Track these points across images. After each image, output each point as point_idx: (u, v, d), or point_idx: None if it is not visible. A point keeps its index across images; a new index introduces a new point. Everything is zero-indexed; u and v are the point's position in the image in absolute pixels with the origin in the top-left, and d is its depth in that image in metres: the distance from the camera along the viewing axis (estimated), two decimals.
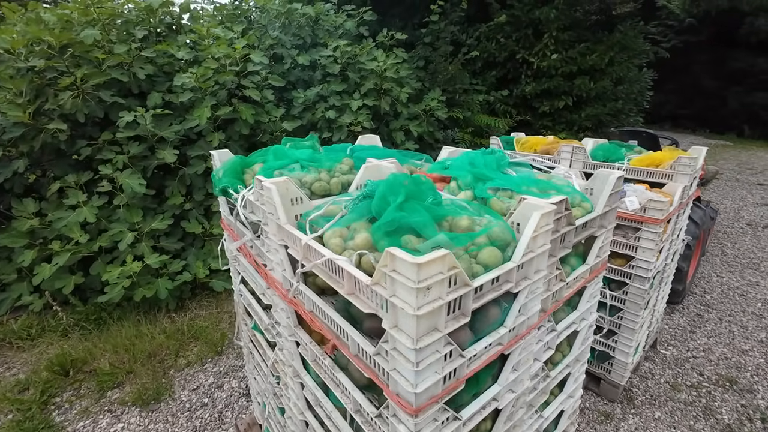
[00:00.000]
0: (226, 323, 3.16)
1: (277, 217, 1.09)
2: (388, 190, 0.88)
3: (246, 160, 1.55)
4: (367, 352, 0.82)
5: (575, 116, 7.60)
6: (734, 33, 12.08)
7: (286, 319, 1.22)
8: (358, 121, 4.31)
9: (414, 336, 0.67)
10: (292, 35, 4.71)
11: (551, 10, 6.97)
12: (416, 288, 0.63)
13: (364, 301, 0.80)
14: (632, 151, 2.59)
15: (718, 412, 2.28)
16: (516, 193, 1.14)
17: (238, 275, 1.76)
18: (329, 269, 0.88)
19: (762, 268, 3.99)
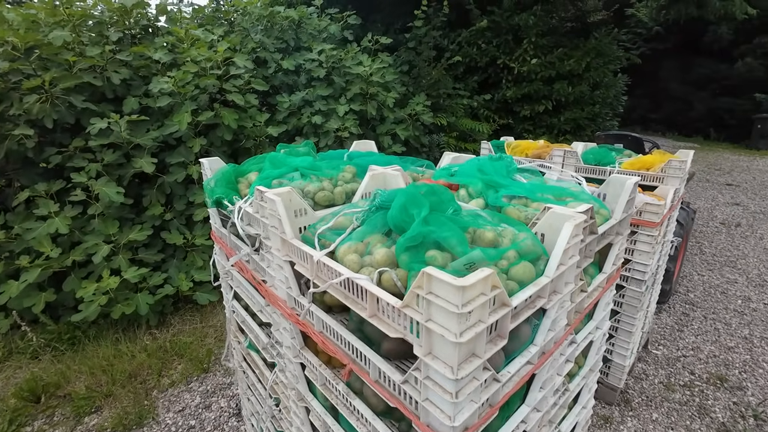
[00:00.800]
0: (212, 338, 3.01)
1: (282, 231, 1.01)
2: (408, 201, 0.82)
3: (240, 169, 1.46)
4: (392, 380, 0.75)
5: (555, 120, 7.76)
6: (699, 41, 12.69)
7: (290, 340, 1.13)
8: (345, 127, 4.23)
9: (454, 365, 0.60)
10: (275, 39, 4.60)
11: (530, 17, 7.11)
12: (459, 313, 0.57)
13: (389, 324, 0.73)
14: (622, 155, 2.62)
15: (712, 410, 2.31)
16: (531, 200, 1.10)
17: (230, 290, 1.65)
18: (347, 289, 0.81)
19: (738, 266, 4.14)
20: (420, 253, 0.77)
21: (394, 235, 0.92)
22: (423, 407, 0.68)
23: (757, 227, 5.22)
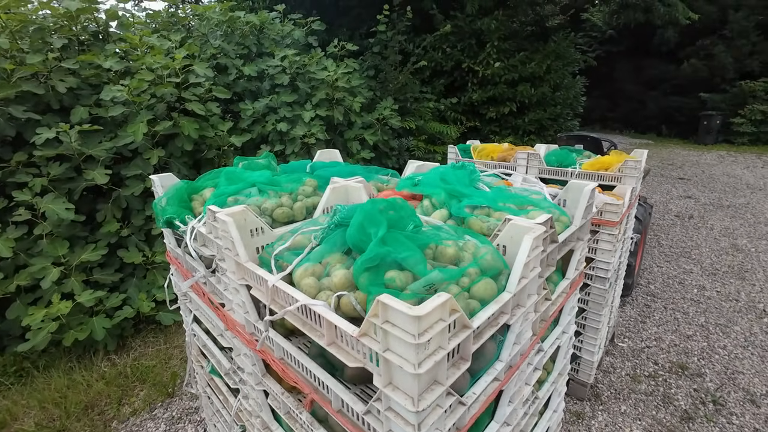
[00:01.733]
0: (177, 360, 2.85)
1: (236, 254, 0.95)
2: (365, 219, 0.78)
3: (193, 185, 1.38)
4: (354, 410, 0.71)
5: (519, 121, 7.98)
6: (648, 44, 13.45)
7: (251, 366, 1.07)
8: (311, 133, 4.16)
9: (415, 395, 0.57)
10: (235, 45, 4.47)
11: (492, 21, 7.28)
12: (416, 343, 0.54)
13: (348, 352, 0.69)
14: (582, 156, 2.70)
15: (675, 399, 2.41)
16: (493, 210, 1.09)
17: (189, 313, 1.56)
18: (304, 315, 0.77)
19: (693, 256, 4.38)
20: (379, 274, 0.74)
21: (355, 254, 0.88)
22: None
23: (707, 218, 5.56)
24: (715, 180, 7.70)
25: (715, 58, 12.10)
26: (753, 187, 7.11)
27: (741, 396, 2.40)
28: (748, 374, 2.59)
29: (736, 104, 11.56)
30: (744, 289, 3.65)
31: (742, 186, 7.19)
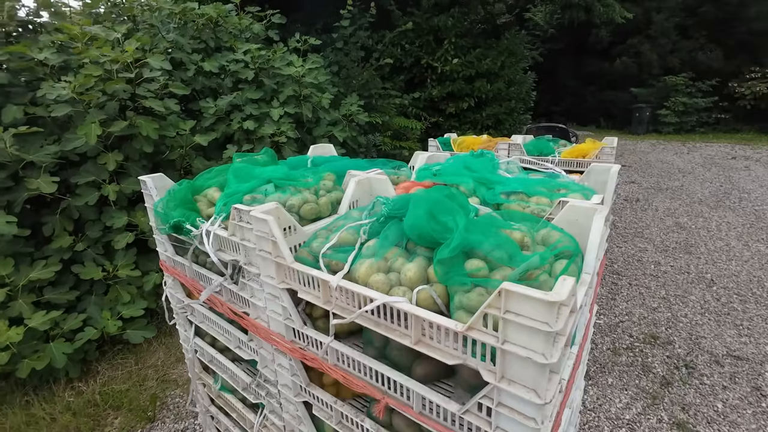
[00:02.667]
0: (154, 380, 2.61)
1: (278, 255, 0.86)
2: (436, 207, 0.74)
3: (194, 185, 1.25)
4: (447, 410, 0.66)
5: (478, 116, 8.24)
6: (585, 42, 14.45)
7: (289, 378, 0.98)
8: (281, 131, 3.99)
9: (541, 388, 0.54)
10: (191, 38, 4.16)
11: (448, 19, 7.44)
12: (549, 332, 0.50)
13: (443, 350, 0.64)
14: (558, 144, 2.82)
15: (653, 367, 2.60)
16: (527, 195, 1.09)
17: (190, 327, 1.41)
18: (380, 315, 0.71)
19: (645, 235, 4.76)
20: (458, 264, 0.70)
21: (412, 248, 0.83)
22: None
23: (651, 200, 6.08)
24: (652, 166, 8.46)
25: (643, 56, 13.27)
26: (683, 171, 7.89)
27: (707, 358, 2.65)
28: (709, 338, 2.86)
29: (661, 97, 12.77)
30: (692, 262, 4.03)
31: (675, 170, 7.96)
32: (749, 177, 7.15)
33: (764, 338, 2.82)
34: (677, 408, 2.26)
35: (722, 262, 4.01)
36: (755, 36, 12.14)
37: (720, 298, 3.37)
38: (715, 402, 2.29)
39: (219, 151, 4.02)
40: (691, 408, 2.25)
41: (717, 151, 9.67)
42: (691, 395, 2.35)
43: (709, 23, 12.53)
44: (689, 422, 2.16)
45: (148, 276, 3.08)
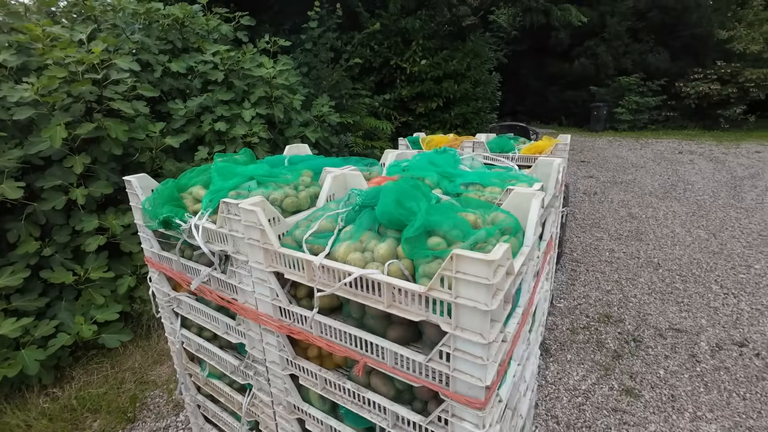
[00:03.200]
0: (132, 382, 2.62)
1: (266, 242, 0.97)
2: (402, 195, 0.88)
3: (179, 184, 1.33)
4: (415, 361, 0.80)
5: (446, 115, 8.50)
6: (546, 44, 15.11)
7: (277, 354, 1.10)
8: (253, 132, 4.03)
9: (485, 331, 0.69)
10: (157, 39, 4.12)
11: (415, 21, 7.64)
12: (489, 284, 0.65)
13: (409, 310, 0.78)
14: (518, 142, 3.05)
15: (606, 342, 2.86)
16: (483, 186, 1.25)
17: (177, 319, 1.49)
18: (357, 287, 0.84)
19: (601, 225, 5.13)
20: (421, 242, 0.84)
21: (383, 231, 0.96)
22: (453, 377, 0.76)
23: (607, 194, 6.52)
24: (608, 161, 9.02)
25: (599, 57, 14.05)
26: (636, 165, 8.48)
27: (652, 332, 2.95)
28: (655, 314, 3.17)
29: (617, 96, 13.58)
30: (642, 248, 4.40)
31: (628, 165, 8.53)
32: (693, 170, 7.79)
33: (700, 312, 3.16)
34: (626, 377, 2.52)
35: (668, 247, 4.40)
36: (697, 40, 13.14)
37: (665, 279, 3.72)
38: (658, 370, 2.57)
39: (190, 153, 4.01)
40: (638, 376, 2.52)
41: (666, 146, 10.42)
42: (638, 365, 2.62)
43: (657, 27, 13.44)
44: (636, 388, 2.42)
45: (121, 279, 3.07)
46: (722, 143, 10.38)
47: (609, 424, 2.18)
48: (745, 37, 11.91)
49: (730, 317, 3.08)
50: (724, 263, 3.96)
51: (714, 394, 2.34)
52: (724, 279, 3.66)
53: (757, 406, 2.25)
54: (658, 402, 2.31)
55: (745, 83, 11.84)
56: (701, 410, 2.24)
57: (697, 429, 2.12)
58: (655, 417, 2.21)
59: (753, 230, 4.73)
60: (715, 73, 12.34)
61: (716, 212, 5.39)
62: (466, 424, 0.77)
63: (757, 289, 3.47)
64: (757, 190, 6.27)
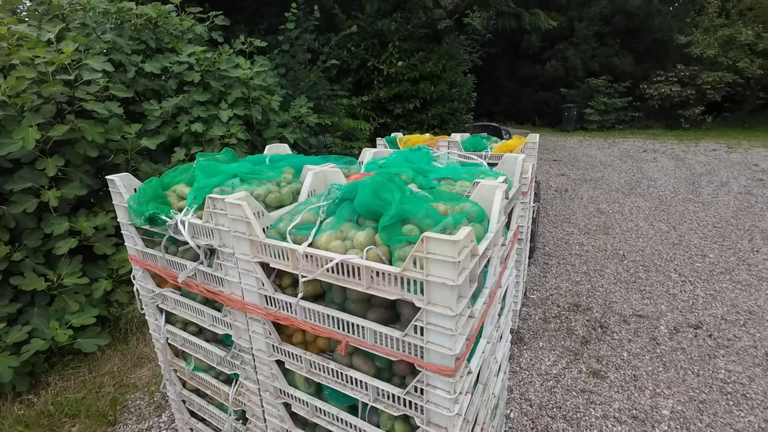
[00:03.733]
0: (111, 386, 2.60)
1: (252, 234, 1.03)
2: (379, 188, 0.96)
3: (162, 182, 1.37)
4: (393, 338, 0.89)
5: (423, 116, 8.66)
6: (518, 47, 15.57)
7: (263, 341, 1.16)
8: (231, 133, 4.03)
9: (453, 305, 0.78)
10: (129, 39, 4.06)
11: (391, 23, 7.76)
12: (455, 262, 0.74)
13: (387, 290, 0.86)
14: (491, 141, 3.19)
15: (575, 329, 3.04)
16: (454, 180, 1.35)
17: (161, 315, 1.52)
18: (338, 272, 0.91)
19: (572, 221, 5.38)
20: (396, 229, 0.93)
21: (363, 221, 1.04)
22: (426, 349, 0.84)
23: (578, 191, 6.82)
24: (579, 160, 9.40)
25: (569, 60, 14.59)
26: (604, 163, 8.88)
27: (617, 319, 3.14)
28: (620, 302, 3.37)
29: (586, 97, 14.13)
30: (609, 242, 4.64)
31: (597, 163, 8.92)
32: (656, 167, 8.23)
33: (661, 299, 3.39)
34: (593, 360, 2.69)
35: (632, 239, 4.67)
36: (658, 44, 13.86)
37: (629, 269, 3.95)
38: (622, 352, 2.75)
39: (166, 155, 3.97)
40: (604, 359, 2.69)
41: (632, 145, 10.94)
42: (604, 349, 2.79)
43: (622, 32, 14.08)
44: (602, 370, 2.59)
45: (97, 283, 3.02)
46: (683, 142, 10.99)
47: (577, 404, 2.33)
48: (702, 42, 12.64)
49: (686, 302, 3.32)
50: (682, 253, 4.24)
51: (671, 373, 2.54)
52: (683, 268, 3.92)
53: (708, 381, 2.45)
54: (621, 382, 2.48)
55: (703, 85, 12.57)
56: (660, 387, 2.42)
57: (656, 404, 2.30)
58: (618, 395, 2.38)
59: (708, 222, 5.07)
60: (675, 75, 13.05)
61: (676, 206, 5.74)
62: (439, 391, 0.86)
63: (711, 276, 3.74)
64: (712, 186, 6.70)
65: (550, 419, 2.24)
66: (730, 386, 2.40)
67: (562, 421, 2.23)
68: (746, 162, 8.24)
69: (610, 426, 2.18)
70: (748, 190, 6.36)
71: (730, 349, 2.73)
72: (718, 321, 3.04)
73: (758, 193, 6.18)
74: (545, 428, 2.19)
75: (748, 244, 4.38)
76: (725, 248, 4.31)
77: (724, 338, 2.84)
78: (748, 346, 2.75)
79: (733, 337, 2.85)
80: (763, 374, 2.49)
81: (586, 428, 2.17)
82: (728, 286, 3.53)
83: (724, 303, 3.28)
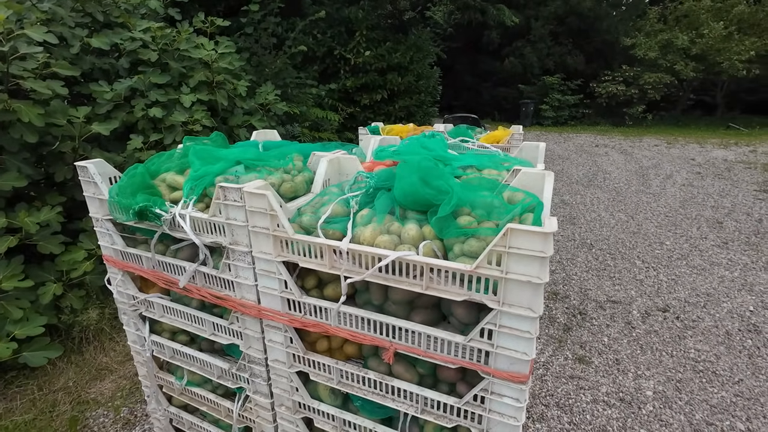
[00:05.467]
0: (68, 404, 2.29)
1: (277, 228, 0.89)
2: (427, 174, 0.85)
3: (149, 170, 1.16)
4: (453, 342, 0.79)
5: (391, 108, 8.56)
6: (479, 43, 15.88)
7: (284, 350, 1.01)
8: (195, 119, 3.69)
9: (535, 305, 0.70)
10: (72, 10, 3.57)
11: (359, 11, 7.54)
12: (543, 257, 0.66)
13: (449, 291, 0.76)
14: (475, 131, 3.16)
15: (557, 317, 3.12)
16: (479, 168, 1.27)
17: (144, 324, 1.31)
18: (390, 271, 0.80)
19: None
20: (450, 221, 0.83)
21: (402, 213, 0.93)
22: (496, 354, 0.76)
23: None
24: None
25: (526, 58, 15.12)
26: (562, 157, 9.31)
27: (594, 305, 3.27)
28: (594, 289, 3.52)
29: (542, 94, 14.75)
30: (576, 231, 4.85)
31: (556, 157, 9.33)
32: (609, 161, 8.75)
33: (630, 285, 3.58)
34: (577, 346, 2.77)
35: (597, 229, 4.91)
36: (607, 45, 14.73)
37: (598, 257, 4.14)
38: (602, 338, 2.86)
39: (119, 143, 3.56)
40: (587, 345, 2.78)
41: (585, 140, 11.57)
42: (586, 335, 2.89)
43: (574, 32, 14.80)
44: (586, 356, 2.67)
45: (44, 287, 2.65)
46: (628, 138, 11.79)
47: (568, 390, 2.38)
48: (644, 45, 13.59)
49: (653, 287, 3.53)
50: (642, 241, 4.52)
51: (649, 355, 2.67)
52: (644, 255, 4.18)
53: (682, 361, 2.61)
54: (606, 366, 2.58)
55: (644, 85, 13.55)
56: (641, 369, 2.54)
57: (640, 386, 2.40)
58: (605, 379, 2.46)
59: (660, 212, 5.46)
60: (621, 75, 13.95)
61: (631, 197, 6.12)
62: (507, 399, 0.78)
63: (670, 261, 4.01)
64: (659, 178, 7.23)
65: (544, 407, 2.27)
66: (701, 365, 2.57)
67: (556, 408, 2.26)
68: (685, 156, 9.00)
69: (601, 410, 2.24)
70: (689, 182, 6.93)
71: (696, 329, 2.93)
72: (683, 304, 3.26)
73: (698, 184, 6.75)
74: (541, 416, 2.21)
75: (697, 232, 4.75)
76: (678, 236, 4.65)
77: (689, 320, 3.05)
78: (710, 326, 2.96)
79: (697, 318, 3.06)
80: (727, 352, 2.69)
81: (579, 413, 2.22)
82: (686, 271, 3.81)
83: (685, 287, 3.53)
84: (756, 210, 5.40)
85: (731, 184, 6.70)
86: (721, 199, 5.90)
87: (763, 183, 6.68)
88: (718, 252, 4.19)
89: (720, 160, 8.51)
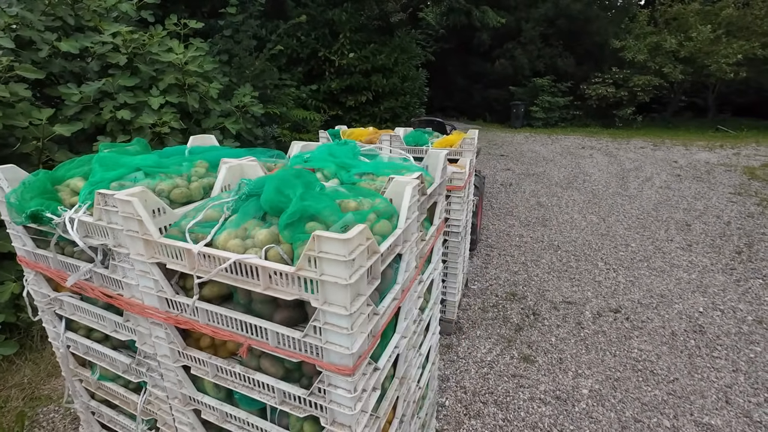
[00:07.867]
0: (19, 399, 2.35)
1: (145, 233, 0.96)
2: (282, 184, 0.92)
3: (54, 176, 1.23)
4: (294, 339, 0.86)
5: (376, 109, 8.64)
6: (470, 44, 15.94)
7: (167, 347, 1.09)
8: (163, 121, 3.76)
9: (347, 303, 0.77)
10: (42, 14, 3.64)
11: (342, 13, 7.61)
12: (347, 261, 0.73)
13: (284, 291, 0.83)
14: (432, 136, 3.23)
15: (511, 318, 3.19)
16: (376, 175, 1.34)
17: (60, 322, 1.38)
18: (235, 272, 0.87)
19: (514, 213, 5.63)
20: (299, 227, 0.90)
21: (269, 218, 1.00)
22: (325, 349, 0.83)
23: (521, 185, 7.15)
24: (524, 155, 9.85)
25: (516, 59, 15.19)
26: (547, 159, 9.38)
27: (548, 306, 3.34)
28: (552, 290, 3.59)
29: (532, 96, 14.81)
30: (546, 233, 4.92)
31: (540, 159, 9.40)
32: (592, 163, 8.83)
33: (588, 286, 3.65)
34: (525, 346, 2.84)
35: (567, 231, 4.98)
36: (597, 47, 14.81)
37: (562, 259, 4.21)
38: (551, 337, 2.93)
39: (88, 144, 3.64)
40: (534, 344, 2.85)
41: (572, 142, 11.64)
42: (535, 335, 2.96)
43: (565, 34, 14.87)
44: (532, 355, 2.74)
45: (2, 286, 2.72)
46: (616, 140, 11.87)
47: (508, 389, 2.45)
48: (634, 47, 13.67)
49: (609, 288, 3.60)
50: (609, 243, 4.59)
51: (592, 354, 2.74)
52: (608, 257, 4.25)
53: (623, 360, 2.68)
54: (548, 365, 2.65)
55: (634, 87, 13.63)
56: (581, 368, 2.61)
57: (577, 384, 2.47)
58: (545, 378, 2.53)
59: (633, 214, 5.53)
60: (611, 77, 14.02)
61: (607, 200, 6.19)
62: (340, 390, 0.85)
63: (632, 263, 4.08)
64: (639, 180, 7.30)
65: (482, 404, 2.34)
66: (641, 364, 2.64)
67: (493, 405, 2.33)
68: (668, 159, 9.07)
69: (536, 407, 2.31)
70: (667, 184, 7.00)
71: (643, 330, 3.01)
72: (635, 305, 3.34)
73: (675, 187, 6.82)
74: (477, 413, 2.28)
75: (664, 234, 4.83)
76: (645, 238, 4.73)
77: (639, 320, 3.12)
78: (658, 327, 3.04)
79: (647, 319, 3.13)
80: (669, 351, 2.76)
81: (514, 410, 2.29)
82: (645, 273, 3.88)
83: (641, 288, 3.60)
84: (726, 212, 5.48)
85: (708, 186, 6.77)
86: (695, 202, 5.98)
87: (739, 186, 6.76)
88: (681, 254, 4.26)
89: (702, 162, 8.59)
